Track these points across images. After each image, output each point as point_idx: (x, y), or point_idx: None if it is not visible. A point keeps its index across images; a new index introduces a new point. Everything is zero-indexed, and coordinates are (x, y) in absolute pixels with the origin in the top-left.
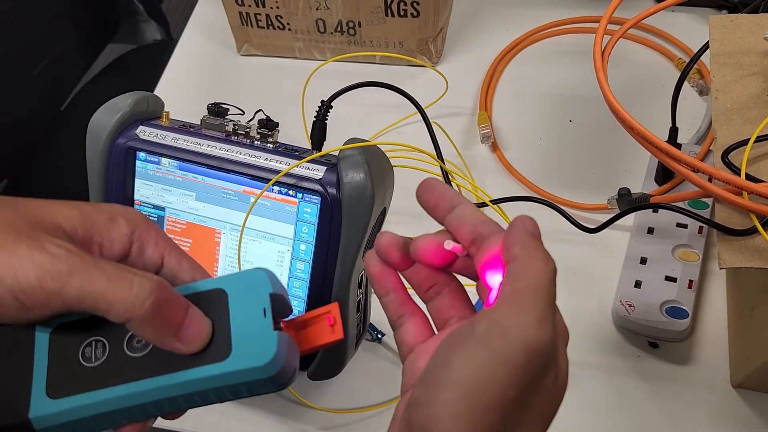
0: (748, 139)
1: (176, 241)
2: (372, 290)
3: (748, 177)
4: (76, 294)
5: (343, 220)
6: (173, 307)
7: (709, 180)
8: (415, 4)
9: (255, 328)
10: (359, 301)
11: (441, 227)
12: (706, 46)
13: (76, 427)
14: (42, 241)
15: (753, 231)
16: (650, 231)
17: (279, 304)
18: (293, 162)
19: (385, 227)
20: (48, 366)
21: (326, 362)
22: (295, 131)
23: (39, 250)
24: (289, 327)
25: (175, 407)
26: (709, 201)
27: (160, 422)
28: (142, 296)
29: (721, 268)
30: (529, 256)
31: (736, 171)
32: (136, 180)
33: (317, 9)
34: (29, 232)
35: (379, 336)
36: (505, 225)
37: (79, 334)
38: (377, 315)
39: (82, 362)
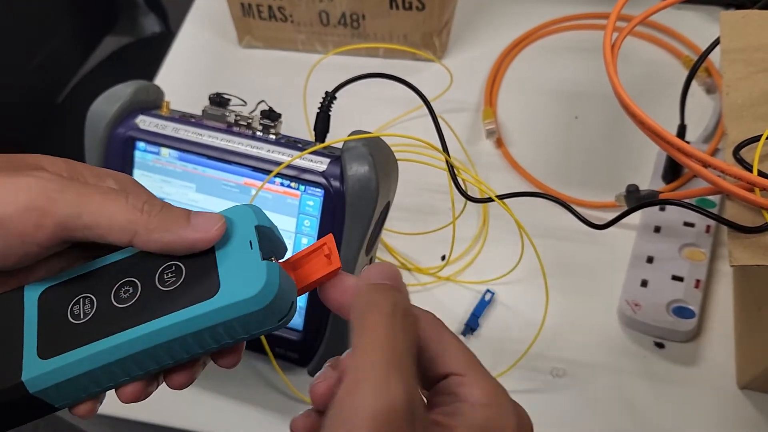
0: (760, 136)
1: None
2: None
3: (761, 173)
4: (71, 211)
5: (347, 214)
6: (173, 209)
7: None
8: None
9: (243, 262)
10: None
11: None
12: (715, 43)
13: (73, 386)
14: (27, 171)
15: (765, 228)
16: (657, 230)
17: (268, 239)
18: (296, 154)
19: (388, 223)
20: (38, 328)
21: (327, 359)
22: (296, 125)
23: (25, 176)
24: (285, 267)
25: (172, 357)
26: (716, 200)
27: (159, 419)
28: (138, 204)
29: (732, 266)
30: (362, 313)
31: (748, 167)
32: (135, 170)
33: (320, 1)
34: (13, 169)
35: None
36: (509, 220)
37: (66, 293)
38: None
39: (71, 320)
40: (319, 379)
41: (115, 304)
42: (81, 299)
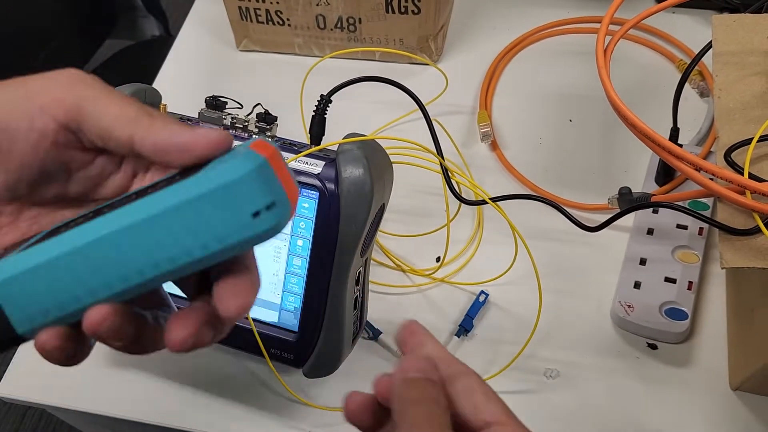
0: (751, 139)
1: None
2: (368, 287)
3: (752, 176)
4: (82, 97)
5: (342, 216)
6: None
7: (712, 179)
8: (416, 1)
9: (233, 156)
10: (356, 298)
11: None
12: (708, 47)
13: (32, 282)
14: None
15: (756, 231)
16: (650, 232)
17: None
18: (291, 156)
19: (383, 225)
20: (32, 243)
21: (322, 360)
22: (293, 127)
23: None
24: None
25: (136, 261)
26: (709, 202)
27: (156, 419)
28: (147, 109)
29: (723, 268)
30: (401, 411)
31: (739, 170)
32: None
33: (317, 5)
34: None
35: (376, 334)
36: (503, 222)
37: (75, 219)
38: (374, 313)
39: (61, 228)
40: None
41: (105, 210)
42: (83, 217)
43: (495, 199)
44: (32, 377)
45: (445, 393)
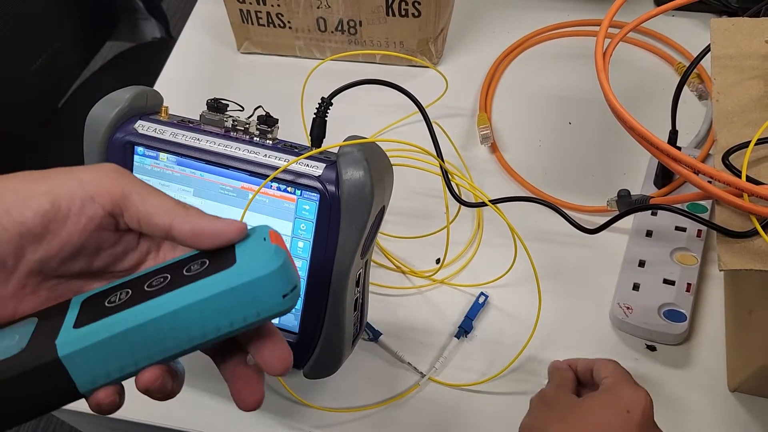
0: (749, 142)
1: None
2: (369, 289)
3: (749, 179)
4: (126, 191)
5: (342, 218)
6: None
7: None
8: (416, 4)
9: (257, 248)
10: (356, 299)
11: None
12: (706, 50)
13: (97, 355)
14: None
15: (753, 233)
16: (649, 234)
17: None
18: (292, 158)
19: (384, 227)
20: (78, 312)
21: (322, 361)
22: (294, 130)
23: (91, 167)
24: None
25: (188, 333)
26: (707, 205)
27: (156, 420)
28: (179, 201)
29: (721, 270)
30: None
31: (737, 173)
32: (134, 174)
33: (318, 7)
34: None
35: (376, 335)
36: (503, 224)
37: (107, 291)
38: (374, 314)
39: (107, 305)
40: None
41: (146, 289)
42: (118, 292)
43: (494, 201)
44: None
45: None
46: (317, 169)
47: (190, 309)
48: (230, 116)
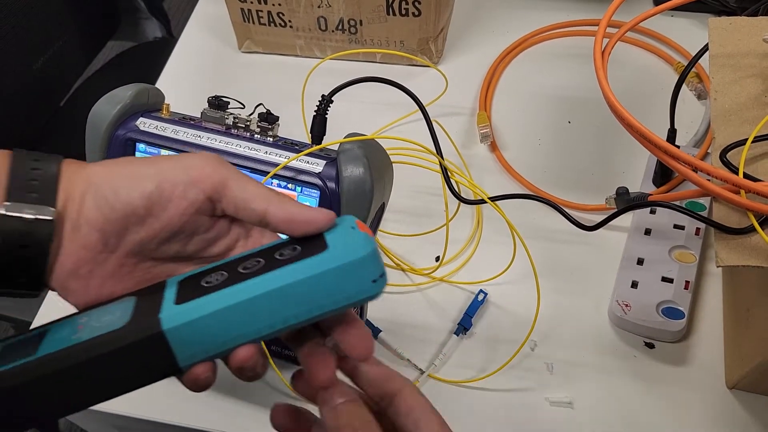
0: (746, 139)
1: None
2: None
3: (747, 176)
4: (225, 177)
5: (342, 214)
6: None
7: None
8: (416, 4)
9: (347, 236)
10: None
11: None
12: (704, 49)
13: (197, 331)
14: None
15: (750, 230)
16: (647, 232)
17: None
18: (293, 155)
19: (384, 224)
20: (176, 291)
21: None
22: (294, 128)
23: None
24: None
25: (283, 314)
26: (706, 203)
27: (157, 416)
28: (274, 191)
29: (718, 266)
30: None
31: (734, 170)
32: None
33: (319, 7)
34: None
35: (376, 332)
36: (502, 222)
37: (202, 273)
38: (374, 312)
39: (204, 285)
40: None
41: (242, 272)
42: (214, 274)
43: (494, 199)
44: None
45: (385, 410)
46: (317, 165)
47: (285, 290)
48: (231, 113)
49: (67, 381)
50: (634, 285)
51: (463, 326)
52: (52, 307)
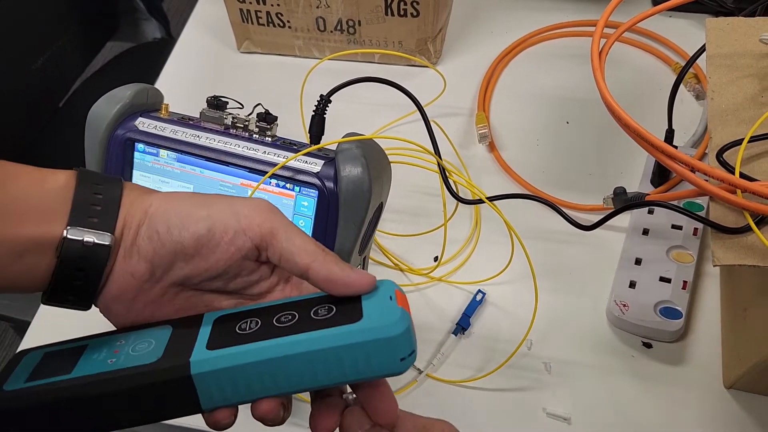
0: (743, 139)
1: None
2: None
3: (743, 176)
4: (274, 228)
5: (340, 214)
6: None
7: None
8: (414, 4)
9: (383, 307)
10: None
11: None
12: (702, 50)
13: (224, 380)
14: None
15: (747, 229)
16: (645, 232)
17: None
18: (291, 155)
19: (382, 224)
20: (210, 333)
21: None
22: (293, 128)
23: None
24: None
25: (309, 375)
26: (704, 203)
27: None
28: (317, 243)
29: (714, 266)
30: None
31: (731, 170)
32: (134, 171)
33: (317, 7)
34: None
35: None
36: (501, 222)
37: (237, 316)
38: None
39: (238, 331)
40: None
41: (276, 324)
42: (249, 320)
43: (492, 199)
44: None
45: None
46: (316, 165)
47: (314, 354)
48: (230, 113)
49: (94, 406)
50: (632, 285)
51: (462, 326)
52: (51, 308)
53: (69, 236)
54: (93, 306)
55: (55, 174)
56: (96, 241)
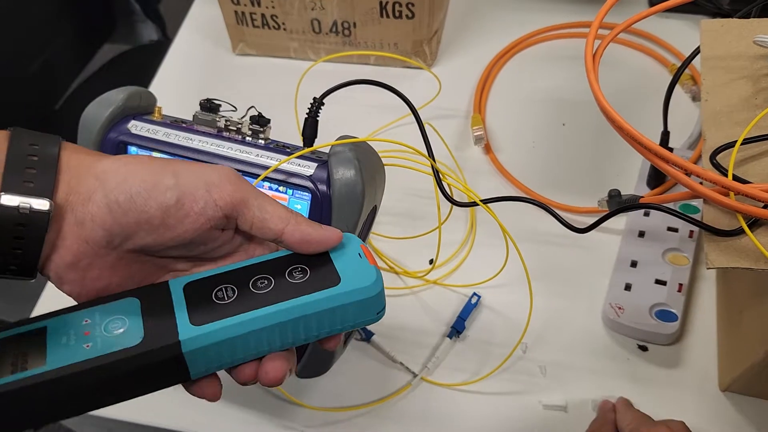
0: (736, 141)
1: None
2: None
3: (736, 178)
4: (246, 195)
5: (333, 217)
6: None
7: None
8: (410, 6)
9: (355, 265)
10: None
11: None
12: (697, 51)
13: (214, 353)
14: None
15: (740, 232)
16: (641, 234)
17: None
18: (284, 158)
19: (377, 227)
20: (187, 306)
21: (315, 360)
22: (288, 130)
23: (216, 166)
24: None
25: (294, 336)
26: (700, 205)
27: (150, 420)
28: (288, 209)
29: (708, 268)
30: None
31: (724, 172)
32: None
33: (312, 9)
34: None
35: (369, 335)
36: (496, 225)
37: (208, 284)
38: None
39: (216, 301)
40: None
41: (254, 291)
42: (223, 287)
43: (486, 201)
44: None
45: None
46: (309, 168)
47: (302, 320)
48: (223, 116)
49: (80, 393)
50: (628, 288)
51: (456, 329)
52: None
53: (2, 203)
54: (42, 275)
55: None
56: (33, 207)
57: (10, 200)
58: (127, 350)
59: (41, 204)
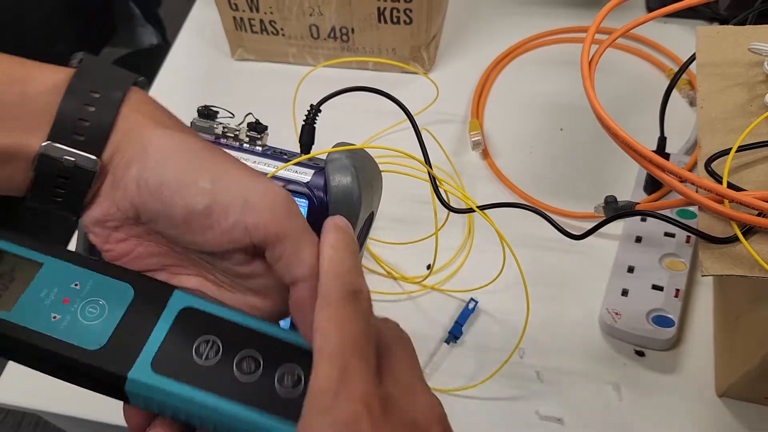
0: (731, 148)
1: None
2: None
3: (730, 185)
4: (285, 241)
5: None
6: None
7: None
8: (408, 11)
9: None
10: None
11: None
12: (693, 57)
13: (154, 404)
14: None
15: (735, 239)
16: (638, 240)
17: None
18: (281, 165)
19: (374, 233)
20: (163, 340)
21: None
22: (287, 136)
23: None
24: None
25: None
26: (696, 211)
27: None
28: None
29: (703, 276)
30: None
31: (719, 179)
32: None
33: (311, 15)
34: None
35: None
36: (493, 230)
37: (203, 325)
38: None
39: (193, 354)
40: None
41: (234, 369)
42: (212, 340)
43: (482, 207)
44: (27, 383)
45: None
46: (305, 175)
47: (246, 427)
48: (220, 123)
49: (21, 354)
50: (624, 293)
51: (454, 334)
52: None
53: (46, 153)
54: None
55: (43, 72)
56: (78, 163)
57: (55, 152)
58: (79, 352)
59: (87, 162)
